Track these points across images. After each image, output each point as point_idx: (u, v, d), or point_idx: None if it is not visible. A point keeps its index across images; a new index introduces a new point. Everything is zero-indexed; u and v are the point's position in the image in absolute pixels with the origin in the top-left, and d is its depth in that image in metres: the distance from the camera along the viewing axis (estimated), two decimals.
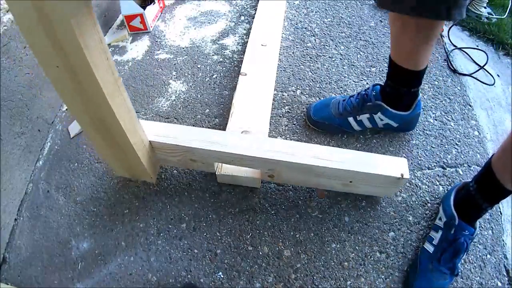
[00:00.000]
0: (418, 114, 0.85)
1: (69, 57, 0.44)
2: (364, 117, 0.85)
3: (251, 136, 0.74)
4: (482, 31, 1.25)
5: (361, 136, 0.90)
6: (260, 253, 0.74)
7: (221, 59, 1.11)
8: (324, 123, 0.89)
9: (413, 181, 0.83)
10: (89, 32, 0.43)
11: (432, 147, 0.89)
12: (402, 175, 0.69)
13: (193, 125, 0.95)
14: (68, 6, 0.38)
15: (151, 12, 1.23)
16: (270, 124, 0.91)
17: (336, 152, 0.72)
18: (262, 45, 1.05)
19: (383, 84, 0.82)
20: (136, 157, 0.69)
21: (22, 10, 0.39)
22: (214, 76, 1.07)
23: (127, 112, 0.59)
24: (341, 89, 1.01)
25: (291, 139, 0.90)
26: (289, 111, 0.96)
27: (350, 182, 0.74)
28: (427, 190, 0.82)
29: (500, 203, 0.80)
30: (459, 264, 0.69)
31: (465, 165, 0.86)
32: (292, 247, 0.74)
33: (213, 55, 1.13)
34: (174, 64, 1.11)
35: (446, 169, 0.85)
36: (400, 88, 0.78)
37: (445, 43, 1.13)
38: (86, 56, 0.43)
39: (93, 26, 0.43)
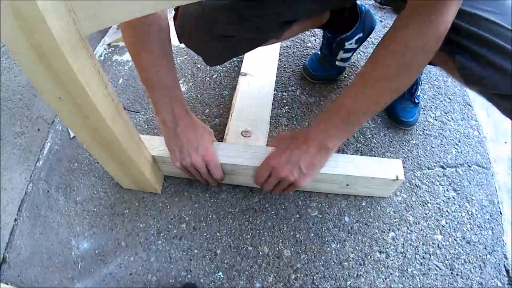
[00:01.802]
0: (366, 12, 0.92)
1: (69, 90, 0.46)
2: (341, 54, 0.94)
3: (250, 145, 0.76)
4: None
5: (361, 136, 0.90)
6: (260, 253, 0.74)
7: None
8: (325, 75, 1.00)
9: (413, 181, 0.83)
10: (86, 66, 0.45)
11: (432, 147, 0.89)
12: (397, 176, 0.70)
13: None
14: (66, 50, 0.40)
15: None
16: (270, 124, 0.91)
17: (331, 157, 0.72)
18: None
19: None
20: (140, 173, 0.71)
21: (20, 48, 0.40)
22: (214, 76, 1.07)
23: (129, 134, 0.62)
24: (341, 89, 1.01)
25: None
26: (289, 111, 0.96)
27: (347, 185, 0.75)
28: (427, 190, 0.82)
29: (500, 203, 0.81)
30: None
31: (465, 165, 0.86)
32: (292, 247, 0.74)
33: None
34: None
35: (446, 169, 0.85)
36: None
37: None
38: (86, 89, 0.46)
39: (89, 59, 0.46)
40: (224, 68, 1.08)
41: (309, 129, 0.65)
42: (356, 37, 0.91)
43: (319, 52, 1.01)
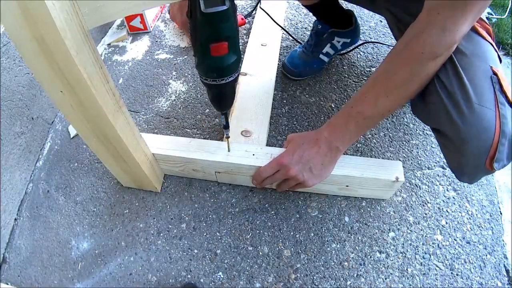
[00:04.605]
0: (359, 25, 1.00)
1: (71, 83, 0.46)
2: (328, 48, 0.97)
3: (250, 145, 0.76)
4: None
5: (361, 136, 0.90)
6: (260, 253, 0.74)
7: None
8: (306, 70, 1.01)
9: (413, 181, 0.83)
10: (88, 60, 0.45)
11: (432, 147, 0.89)
12: (397, 178, 0.70)
13: (193, 125, 0.95)
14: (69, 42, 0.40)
15: (151, 12, 1.23)
16: (270, 124, 0.91)
17: None
18: (262, 45, 1.05)
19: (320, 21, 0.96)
20: (140, 170, 0.71)
21: (23, 40, 0.40)
22: None
23: (129, 130, 0.62)
24: (341, 89, 1.01)
25: None
26: (289, 111, 0.96)
27: (347, 186, 0.74)
28: (427, 190, 0.82)
29: (500, 203, 0.81)
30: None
31: None
32: (292, 247, 0.74)
33: None
34: (174, 64, 1.11)
35: (446, 169, 0.85)
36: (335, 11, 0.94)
37: None
38: (87, 83, 0.46)
39: (92, 53, 0.46)
40: None
41: (320, 130, 0.66)
42: (344, 40, 0.96)
43: (298, 49, 1.02)
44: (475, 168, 0.56)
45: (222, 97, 0.59)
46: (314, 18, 0.97)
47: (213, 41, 0.47)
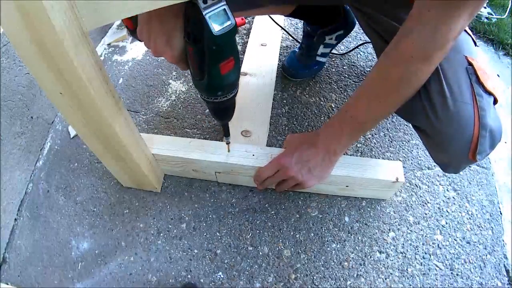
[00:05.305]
0: (349, 12, 0.92)
1: (70, 85, 0.46)
2: (322, 48, 0.95)
3: (250, 145, 0.76)
4: (482, 31, 1.25)
5: (361, 136, 0.90)
6: (260, 253, 0.74)
7: None
8: (305, 72, 1.01)
9: (413, 181, 0.83)
10: (88, 61, 0.45)
11: None
12: (397, 178, 0.70)
13: (193, 125, 0.95)
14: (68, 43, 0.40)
15: None
16: (270, 124, 0.91)
17: None
18: (262, 45, 1.05)
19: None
20: (140, 170, 0.71)
21: (22, 43, 0.40)
22: None
23: (129, 130, 0.62)
24: (341, 89, 1.01)
25: None
26: (289, 111, 0.96)
27: (347, 186, 0.75)
28: (427, 190, 0.82)
29: (500, 203, 0.81)
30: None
31: None
32: (292, 247, 0.74)
33: None
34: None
35: None
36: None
37: None
38: (87, 84, 0.45)
39: (91, 54, 0.45)
40: None
41: (318, 133, 0.66)
42: (337, 33, 0.92)
43: (297, 50, 1.00)
44: (459, 162, 0.57)
45: (226, 110, 0.59)
46: None
47: (223, 60, 0.46)
